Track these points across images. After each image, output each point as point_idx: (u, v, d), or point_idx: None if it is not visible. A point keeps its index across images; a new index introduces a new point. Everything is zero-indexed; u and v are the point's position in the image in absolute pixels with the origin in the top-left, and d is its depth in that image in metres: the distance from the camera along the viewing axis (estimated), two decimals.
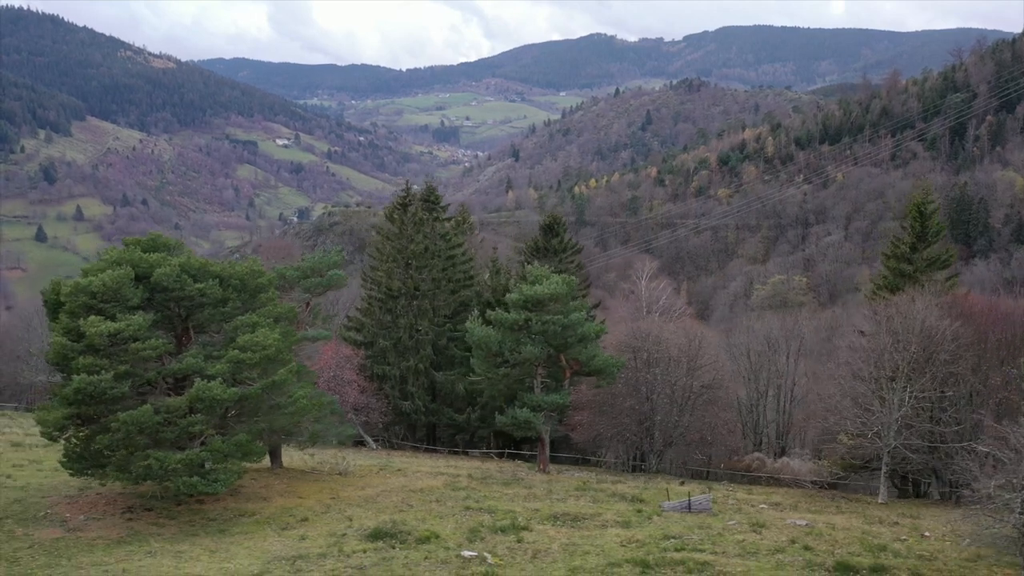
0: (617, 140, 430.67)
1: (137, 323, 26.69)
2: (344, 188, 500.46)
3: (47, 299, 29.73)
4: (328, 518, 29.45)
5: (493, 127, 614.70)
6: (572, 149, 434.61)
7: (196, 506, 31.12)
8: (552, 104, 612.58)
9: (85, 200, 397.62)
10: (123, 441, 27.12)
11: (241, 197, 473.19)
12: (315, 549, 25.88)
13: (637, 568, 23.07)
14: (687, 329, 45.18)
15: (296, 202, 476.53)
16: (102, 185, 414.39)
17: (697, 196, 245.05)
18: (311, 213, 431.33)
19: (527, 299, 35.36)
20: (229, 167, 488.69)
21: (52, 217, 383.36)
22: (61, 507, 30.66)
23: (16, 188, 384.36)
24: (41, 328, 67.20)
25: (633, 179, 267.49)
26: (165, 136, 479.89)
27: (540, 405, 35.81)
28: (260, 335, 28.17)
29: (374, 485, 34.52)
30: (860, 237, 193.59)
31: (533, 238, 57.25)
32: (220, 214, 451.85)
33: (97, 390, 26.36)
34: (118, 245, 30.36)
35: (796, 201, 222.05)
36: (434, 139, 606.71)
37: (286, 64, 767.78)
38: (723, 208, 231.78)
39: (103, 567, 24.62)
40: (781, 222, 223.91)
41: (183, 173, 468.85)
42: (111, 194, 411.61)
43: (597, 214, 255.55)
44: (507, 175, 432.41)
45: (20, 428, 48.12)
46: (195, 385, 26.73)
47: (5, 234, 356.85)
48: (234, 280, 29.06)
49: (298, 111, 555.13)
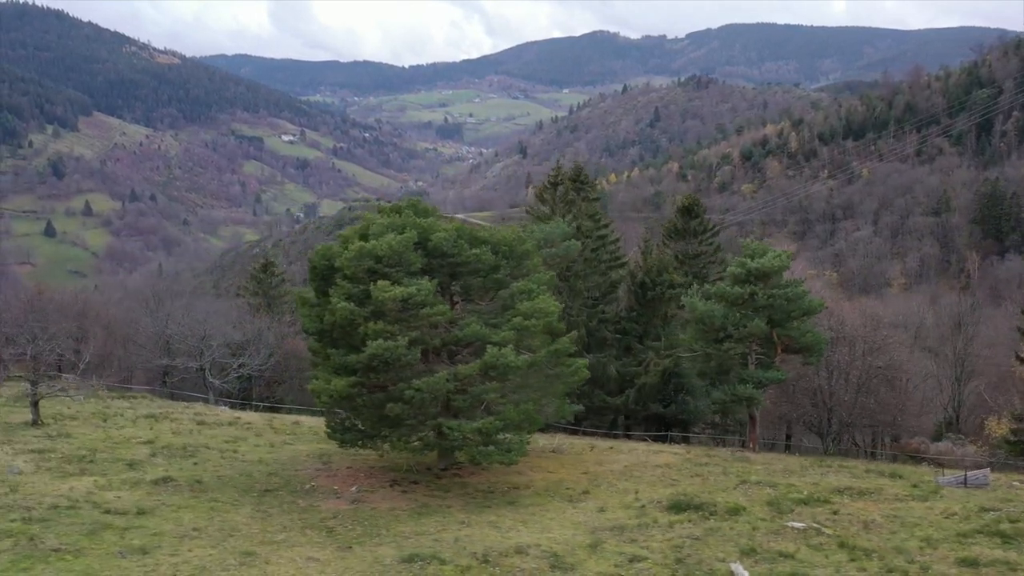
0: (625, 137, 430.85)
1: (426, 288, 26.25)
2: (350, 184, 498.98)
3: (315, 265, 29.23)
4: (606, 491, 29.08)
5: (496, 124, 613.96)
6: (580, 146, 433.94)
7: (456, 479, 30.73)
8: (555, 101, 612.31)
9: (93, 195, 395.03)
10: (415, 410, 26.62)
11: (248, 193, 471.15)
12: (626, 520, 25.51)
13: (995, 538, 22.70)
14: (863, 308, 44.97)
15: (302, 198, 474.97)
16: (110, 180, 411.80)
17: (720, 191, 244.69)
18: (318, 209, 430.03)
19: (749, 272, 35.01)
20: (235, 163, 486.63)
21: (61, 212, 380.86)
22: (321, 479, 30.28)
23: (25, 183, 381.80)
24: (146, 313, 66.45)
25: (655, 174, 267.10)
26: (171, 132, 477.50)
27: (761, 381, 35.46)
28: (541, 301, 27.75)
29: (609, 462, 34.13)
30: (889, 232, 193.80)
31: (670, 220, 56.85)
32: (227, 210, 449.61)
33: (393, 356, 25.92)
34: (127, 241, 29.77)
35: (823, 196, 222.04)
36: (438, 136, 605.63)
37: (288, 61, 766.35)
38: (748, 203, 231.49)
39: (430, 536, 24.29)
40: (808, 217, 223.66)
41: (190, 169, 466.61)
42: (119, 189, 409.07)
43: (620, 209, 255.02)
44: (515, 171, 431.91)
45: (169, 408, 47.23)
46: (488, 351, 26.29)
47: (14, 229, 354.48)
48: (502, 247, 28.55)
49: (303, 107, 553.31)
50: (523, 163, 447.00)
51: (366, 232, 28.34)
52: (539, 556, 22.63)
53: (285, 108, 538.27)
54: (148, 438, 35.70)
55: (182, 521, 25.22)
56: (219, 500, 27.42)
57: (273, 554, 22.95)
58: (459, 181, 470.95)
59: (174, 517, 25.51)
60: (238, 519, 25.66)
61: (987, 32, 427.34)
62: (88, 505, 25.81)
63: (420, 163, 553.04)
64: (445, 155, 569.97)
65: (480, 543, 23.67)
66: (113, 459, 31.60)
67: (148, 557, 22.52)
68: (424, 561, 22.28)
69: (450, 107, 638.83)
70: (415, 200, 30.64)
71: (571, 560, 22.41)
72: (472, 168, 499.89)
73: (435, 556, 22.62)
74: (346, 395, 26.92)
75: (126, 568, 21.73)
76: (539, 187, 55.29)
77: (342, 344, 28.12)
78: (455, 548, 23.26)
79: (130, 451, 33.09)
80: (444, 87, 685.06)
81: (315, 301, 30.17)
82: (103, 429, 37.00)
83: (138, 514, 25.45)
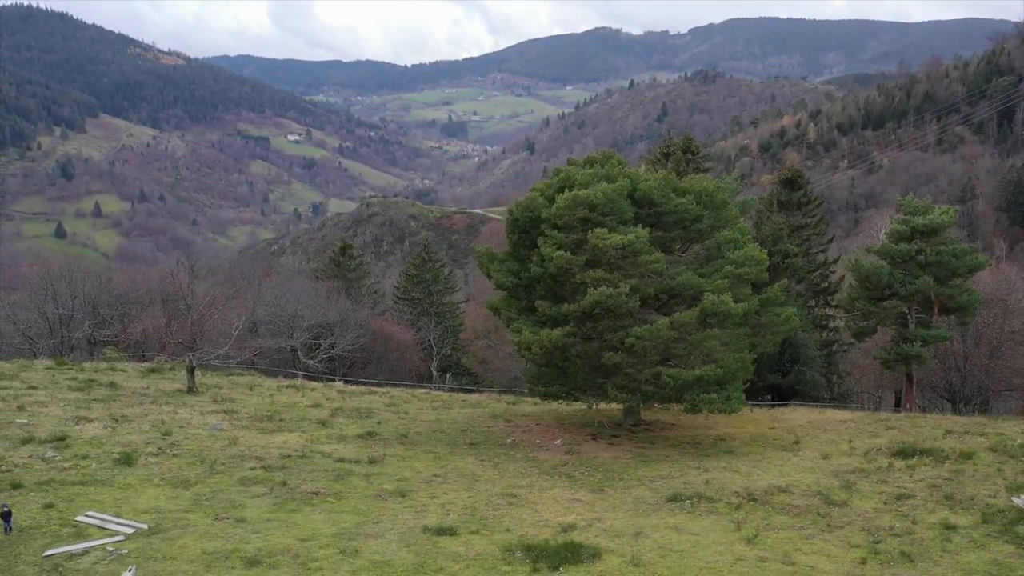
0: (633, 132, 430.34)
1: (643, 236, 26.01)
2: (356, 183, 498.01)
3: (516, 218, 29.02)
4: (814, 442, 29.10)
5: (501, 121, 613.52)
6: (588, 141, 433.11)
7: (651, 434, 30.62)
8: (559, 98, 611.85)
9: (103, 197, 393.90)
10: (634, 359, 26.42)
11: (255, 193, 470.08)
12: (858, 465, 25.48)
13: None
14: (997, 271, 44.79)
15: (309, 197, 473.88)
16: (119, 182, 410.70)
17: (740, 182, 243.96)
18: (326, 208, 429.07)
19: (914, 229, 34.83)
20: (242, 163, 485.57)
21: (71, 214, 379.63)
22: (518, 435, 30.20)
23: (34, 185, 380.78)
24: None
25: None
26: (177, 132, 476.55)
27: (926, 339, 35.28)
28: (751, 250, 27.54)
29: (783, 420, 34.10)
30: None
31: (772, 192, 56.61)
32: (235, 210, 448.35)
33: (614, 303, 25.66)
34: (137, 242, 29.67)
35: (844, 186, 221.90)
36: (442, 134, 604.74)
37: (291, 61, 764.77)
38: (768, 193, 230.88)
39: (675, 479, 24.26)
40: (830, 207, 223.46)
41: (197, 169, 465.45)
42: (128, 190, 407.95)
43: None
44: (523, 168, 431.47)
45: (291, 382, 46.86)
46: (705, 298, 26.13)
47: (24, 231, 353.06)
48: (703, 196, 28.35)
49: (308, 107, 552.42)
50: (531, 159, 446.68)
51: (566, 184, 28.14)
52: (804, 494, 22.53)
53: (290, 108, 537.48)
54: (311, 402, 35.47)
55: (416, 468, 25.09)
56: (435, 451, 27.29)
57: (532, 495, 22.82)
58: (466, 178, 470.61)
59: (406, 465, 25.38)
60: (469, 467, 25.53)
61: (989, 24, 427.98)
62: (318, 455, 25.67)
63: (426, 161, 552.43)
64: (450, 153, 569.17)
65: (733, 484, 23.53)
66: (299, 419, 31.44)
67: (408, 499, 22.40)
68: (690, 500, 22.18)
69: (454, 105, 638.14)
70: (609, 152, 30.41)
71: (836, 498, 22.24)
72: (479, 165, 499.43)
73: (699, 495, 22.51)
74: (560, 345, 26.69)
75: (393, 508, 21.60)
76: (649, 158, 55.07)
77: (547, 296, 27.90)
78: (714, 488, 23.14)
79: (306, 413, 32.88)
80: (447, 85, 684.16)
81: (504, 257, 29.94)
82: (257, 396, 36.72)
83: (370, 463, 25.31)
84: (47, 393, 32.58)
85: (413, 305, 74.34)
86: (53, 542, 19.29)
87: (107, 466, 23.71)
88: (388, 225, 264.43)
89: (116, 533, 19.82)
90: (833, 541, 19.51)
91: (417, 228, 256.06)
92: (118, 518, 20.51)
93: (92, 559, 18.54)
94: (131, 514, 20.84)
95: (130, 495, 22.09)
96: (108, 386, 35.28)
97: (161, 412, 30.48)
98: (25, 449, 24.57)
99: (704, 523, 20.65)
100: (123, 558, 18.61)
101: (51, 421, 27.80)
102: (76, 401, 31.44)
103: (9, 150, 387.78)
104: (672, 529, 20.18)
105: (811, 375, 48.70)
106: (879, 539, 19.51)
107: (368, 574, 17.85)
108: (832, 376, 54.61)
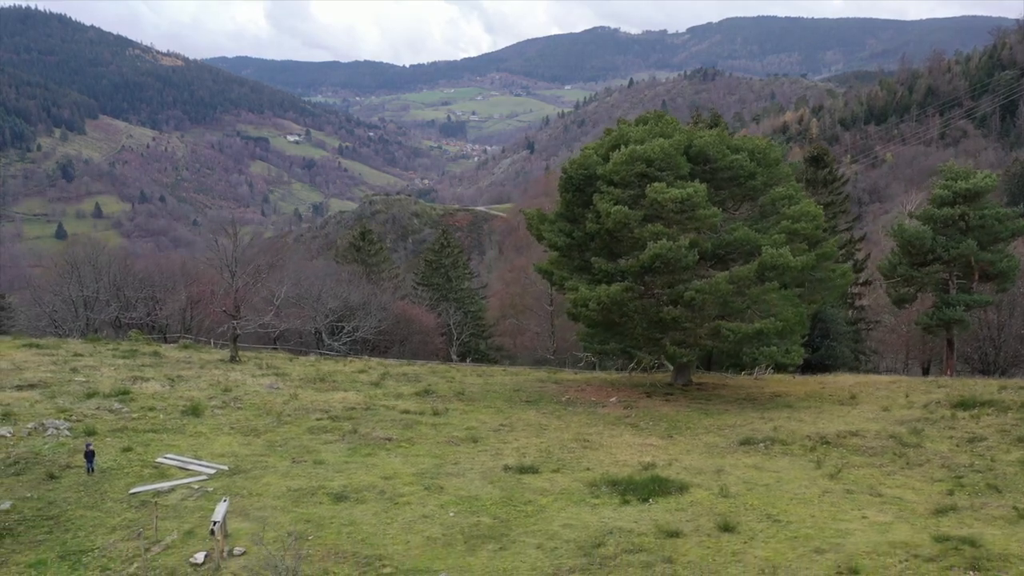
0: None
1: (701, 191, 26.04)
2: (356, 183, 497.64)
3: (571, 176, 29.03)
4: (870, 397, 29.04)
5: (500, 121, 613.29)
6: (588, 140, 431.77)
7: (704, 392, 30.62)
8: (558, 98, 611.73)
9: (103, 197, 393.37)
10: (693, 313, 26.46)
11: (255, 193, 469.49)
12: (920, 415, 25.53)
13: None
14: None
15: (309, 197, 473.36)
16: (119, 182, 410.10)
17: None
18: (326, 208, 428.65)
19: (956, 194, 34.88)
20: (242, 163, 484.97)
21: (71, 215, 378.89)
22: (571, 393, 30.20)
23: (35, 186, 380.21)
24: None
25: None
26: (177, 133, 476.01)
27: (968, 304, 35.32)
28: (807, 205, 27.57)
29: (829, 383, 34.04)
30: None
31: (799, 170, 56.59)
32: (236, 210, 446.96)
33: (674, 257, 25.70)
34: (138, 243, 29.82)
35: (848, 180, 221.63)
36: (441, 134, 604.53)
37: (289, 61, 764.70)
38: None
39: (744, 427, 24.30)
40: None
41: (197, 170, 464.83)
42: (128, 191, 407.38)
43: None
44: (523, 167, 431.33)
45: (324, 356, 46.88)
46: (765, 252, 26.13)
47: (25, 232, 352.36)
48: (757, 154, 28.39)
49: (307, 107, 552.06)
50: (531, 158, 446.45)
51: (619, 142, 28.17)
52: (876, 437, 22.58)
53: (290, 108, 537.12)
54: (356, 369, 35.47)
55: (481, 419, 25.13)
56: (495, 406, 27.32)
57: (603, 440, 22.86)
58: (467, 178, 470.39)
59: (470, 417, 25.43)
60: (533, 418, 25.57)
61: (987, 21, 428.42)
62: (382, 408, 25.71)
63: (425, 161, 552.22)
64: (450, 152, 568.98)
65: (801, 431, 23.58)
66: (350, 381, 31.46)
67: (480, 444, 22.44)
68: (763, 443, 22.23)
69: (453, 105, 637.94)
70: (661, 111, 30.42)
71: (909, 441, 22.28)
72: (479, 165, 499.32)
73: (771, 439, 22.55)
74: (618, 300, 26.71)
75: (468, 452, 21.65)
76: None
77: (602, 252, 27.93)
78: (783, 434, 23.20)
79: (355, 377, 32.90)
80: (446, 85, 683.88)
81: (554, 217, 29.96)
82: (300, 365, 36.73)
83: (434, 415, 25.34)
84: (95, 359, 32.57)
85: (433, 291, 74.29)
86: (137, 481, 19.30)
87: (175, 417, 23.71)
88: (391, 223, 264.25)
89: (198, 473, 19.83)
90: (915, 476, 19.56)
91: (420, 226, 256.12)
92: (197, 460, 20.52)
93: (179, 496, 18.55)
94: (208, 458, 20.84)
95: (203, 442, 22.10)
96: (152, 355, 35.28)
97: (213, 375, 30.48)
98: (91, 402, 24.56)
99: (782, 463, 20.68)
100: (210, 495, 18.61)
101: (108, 381, 27.79)
102: (126, 366, 31.43)
103: (9, 151, 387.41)
104: (752, 468, 20.22)
105: (840, 350, 48.80)
106: (961, 474, 19.57)
107: (458, 507, 17.87)
108: (860, 352, 54.72)
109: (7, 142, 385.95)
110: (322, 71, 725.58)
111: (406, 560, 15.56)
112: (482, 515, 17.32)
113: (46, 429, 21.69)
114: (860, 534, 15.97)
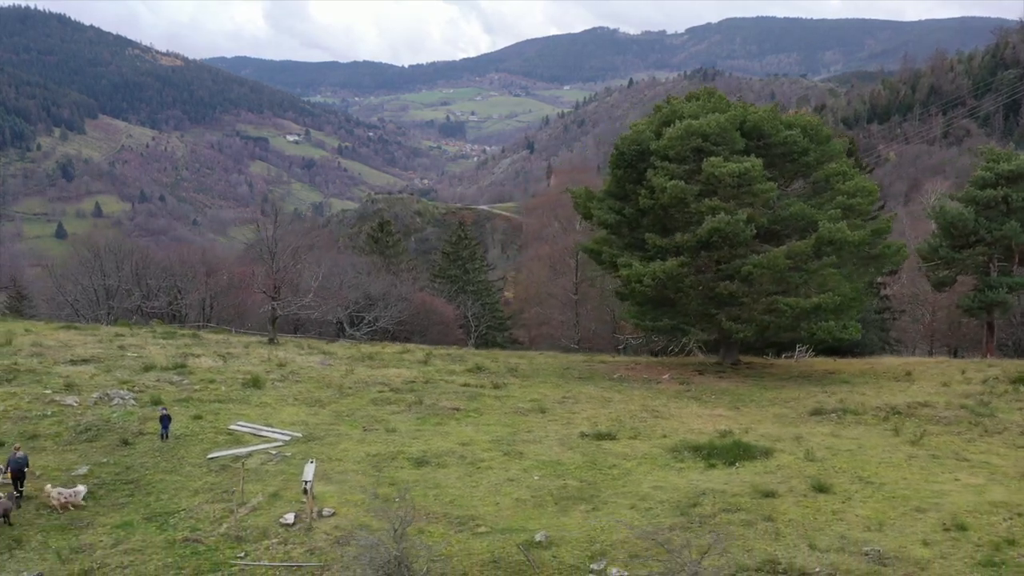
0: None
1: (758, 165, 25.91)
2: (356, 183, 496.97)
3: (623, 151, 28.88)
4: (925, 375, 28.87)
5: (499, 121, 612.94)
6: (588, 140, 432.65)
7: (755, 371, 30.50)
8: (557, 98, 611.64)
9: (103, 197, 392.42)
10: (750, 288, 26.33)
11: (255, 193, 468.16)
12: (982, 389, 25.46)
13: None
14: None
15: (309, 197, 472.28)
16: (119, 182, 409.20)
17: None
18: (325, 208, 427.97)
19: (999, 175, 34.80)
20: (242, 163, 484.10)
21: (71, 214, 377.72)
22: (622, 371, 30.08)
23: (35, 186, 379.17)
24: None
25: None
26: (177, 133, 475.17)
27: (1012, 286, 35.25)
28: (861, 181, 27.45)
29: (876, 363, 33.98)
30: (923, 212, 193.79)
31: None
32: (236, 210, 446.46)
33: (732, 231, 25.59)
34: (139, 242, 29.83)
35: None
36: (440, 134, 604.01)
37: (288, 62, 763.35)
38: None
39: (808, 400, 24.23)
40: None
41: (197, 170, 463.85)
42: (128, 191, 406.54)
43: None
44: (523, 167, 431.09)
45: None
46: (822, 227, 26.01)
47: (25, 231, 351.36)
48: (810, 130, 28.26)
49: (306, 107, 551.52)
50: (531, 158, 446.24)
51: (670, 118, 28.02)
52: (947, 408, 22.46)
53: (289, 108, 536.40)
54: (397, 350, 35.31)
55: (543, 392, 25.03)
56: (552, 381, 27.19)
57: (671, 411, 22.75)
58: (466, 177, 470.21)
59: (531, 390, 25.30)
60: (594, 392, 25.45)
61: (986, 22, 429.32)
62: (442, 382, 25.59)
63: (425, 161, 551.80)
64: (449, 152, 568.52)
65: (869, 402, 23.47)
66: (398, 359, 31.30)
67: (549, 415, 22.32)
68: (834, 413, 22.10)
69: (452, 105, 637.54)
70: (711, 88, 30.30)
71: (980, 411, 22.17)
72: (479, 164, 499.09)
73: (841, 410, 22.44)
74: (674, 275, 26.56)
75: (539, 422, 21.53)
76: None
77: (655, 228, 27.78)
78: (852, 405, 23.05)
79: (400, 356, 32.72)
80: (445, 85, 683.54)
81: (603, 195, 29.80)
82: (339, 346, 36.53)
83: (495, 387, 25.18)
84: (137, 339, 32.36)
85: (451, 282, 74.12)
86: (212, 447, 19.13)
87: (236, 389, 23.53)
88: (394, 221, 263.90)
89: (273, 440, 19.65)
90: (996, 443, 19.45)
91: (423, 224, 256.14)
92: (269, 427, 20.33)
93: (258, 460, 18.38)
94: (279, 426, 20.66)
95: (270, 412, 21.93)
96: (191, 336, 35.09)
97: (260, 353, 30.30)
98: (150, 375, 24.38)
99: (857, 431, 20.57)
100: (288, 459, 18.43)
101: (159, 358, 27.59)
102: (171, 345, 31.23)
103: (9, 151, 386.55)
104: (829, 435, 20.10)
105: (869, 337, 48.70)
106: None
107: (541, 471, 17.72)
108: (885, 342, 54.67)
109: (7, 142, 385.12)
110: (321, 71, 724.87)
111: (499, 520, 15.40)
112: (567, 478, 17.17)
113: (111, 399, 21.49)
114: (956, 495, 15.85)
